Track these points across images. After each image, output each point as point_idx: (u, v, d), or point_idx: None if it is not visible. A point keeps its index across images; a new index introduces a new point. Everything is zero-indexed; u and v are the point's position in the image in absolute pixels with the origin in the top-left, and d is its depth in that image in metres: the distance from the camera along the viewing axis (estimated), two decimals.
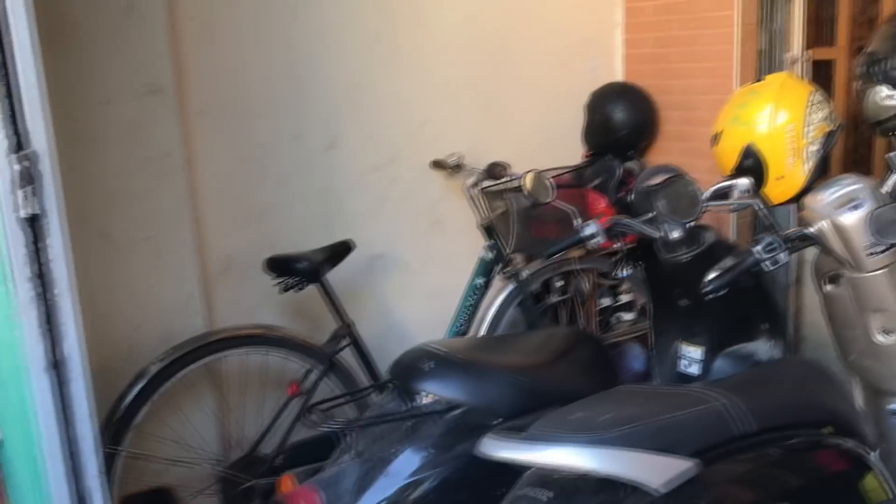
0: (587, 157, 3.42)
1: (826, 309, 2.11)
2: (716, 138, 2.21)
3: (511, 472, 1.48)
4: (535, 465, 1.41)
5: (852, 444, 1.62)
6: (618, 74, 3.49)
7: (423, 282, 3.21)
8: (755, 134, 2.10)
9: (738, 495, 1.41)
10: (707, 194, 2.13)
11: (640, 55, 3.35)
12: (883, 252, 1.88)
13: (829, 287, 2.06)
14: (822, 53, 3.41)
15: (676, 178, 2.18)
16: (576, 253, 2.99)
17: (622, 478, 1.31)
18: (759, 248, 1.94)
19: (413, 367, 1.95)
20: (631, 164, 3.27)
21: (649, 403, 1.49)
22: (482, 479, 1.72)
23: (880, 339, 1.98)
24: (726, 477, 1.41)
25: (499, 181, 2.95)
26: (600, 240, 2.12)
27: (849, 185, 1.94)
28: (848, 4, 3.50)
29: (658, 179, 2.24)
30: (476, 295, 3.03)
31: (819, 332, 2.15)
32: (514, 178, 2.90)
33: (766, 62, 2.99)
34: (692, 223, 2.15)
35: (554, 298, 3.21)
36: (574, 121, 3.42)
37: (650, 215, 2.14)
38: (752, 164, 2.10)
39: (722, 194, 2.19)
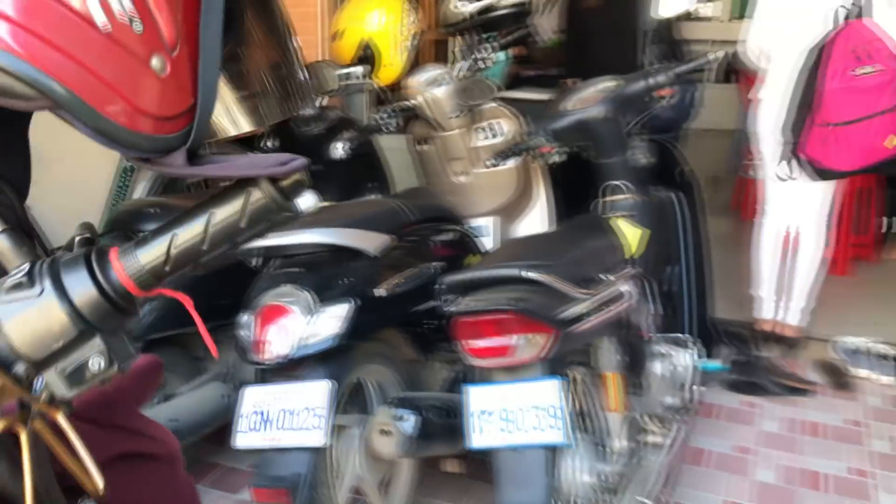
0: None
1: (420, 163, 2.92)
2: (337, 35, 2.83)
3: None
4: (288, 246, 1.89)
5: (458, 233, 2.39)
6: None
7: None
8: (368, 31, 2.78)
9: (409, 255, 2.08)
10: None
11: None
12: (458, 116, 2.73)
13: (422, 147, 2.87)
14: None
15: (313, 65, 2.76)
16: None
17: (351, 246, 1.89)
18: (377, 115, 2.64)
19: (139, 212, 2.22)
20: None
21: (356, 207, 2.10)
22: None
23: (457, 179, 2.86)
24: (404, 245, 2.07)
25: None
26: None
27: (435, 70, 2.74)
28: None
29: None
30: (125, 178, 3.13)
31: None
32: None
33: None
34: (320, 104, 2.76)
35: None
36: None
37: None
38: (367, 55, 2.78)
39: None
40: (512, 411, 1.67)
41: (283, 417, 1.75)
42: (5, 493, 0.58)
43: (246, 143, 3.35)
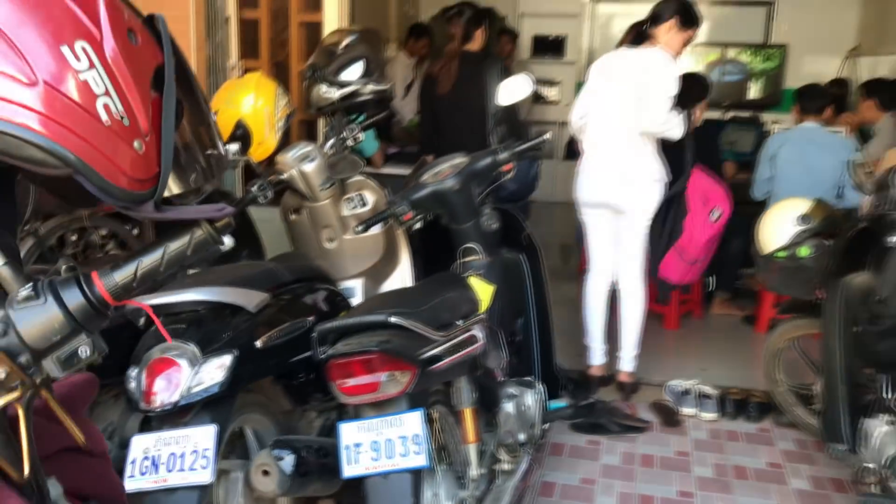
0: None
1: (291, 231, 3.16)
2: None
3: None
4: (173, 304, 2.07)
5: (328, 291, 2.61)
6: None
7: None
8: (243, 112, 3.02)
9: (284, 310, 2.29)
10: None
11: None
12: (328, 188, 2.99)
13: (293, 216, 3.11)
14: (251, 64, 4.45)
15: None
16: (86, 211, 3.43)
17: (231, 303, 2.10)
18: (254, 188, 2.87)
19: None
20: None
21: (234, 269, 2.31)
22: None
23: (327, 245, 3.11)
24: (279, 302, 2.29)
25: None
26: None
27: (305, 147, 3.01)
28: (266, 29, 4.58)
29: None
30: None
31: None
32: None
33: (213, 67, 3.91)
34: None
35: (69, 251, 3.51)
36: None
37: None
38: (241, 134, 3.02)
39: None
40: (380, 442, 1.91)
41: (171, 460, 1.90)
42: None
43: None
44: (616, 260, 3.61)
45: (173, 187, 0.82)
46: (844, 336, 2.66)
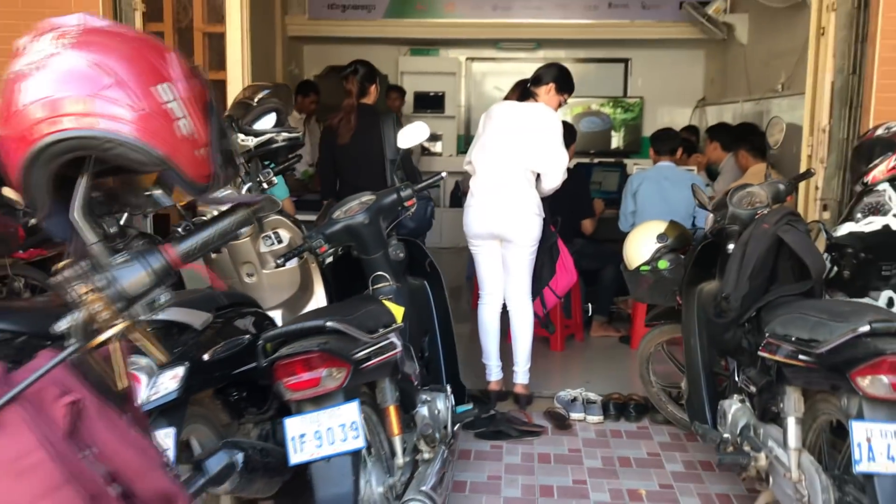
0: None
1: (214, 268, 3.42)
2: None
3: None
4: None
5: (259, 314, 2.88)
6: None
7: None
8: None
9: (225, 329, 2.56)
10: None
11: None
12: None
13: (213, 255, 3.38)
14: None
15: None
16: (9, 260, 3.55)
17: (180, 321, 2.37)
18: (176, 229, 3.12)
19: None
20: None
21: (180, 294, 2.57)
22: None
23: (247, 280, 3.39)
24: (219, 322, 2.56)
25: None
26: None
27: (225, 191, 3.29)
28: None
29: None
30: None
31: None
32: None
33: None
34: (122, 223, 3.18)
35: None
36: None
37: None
38: (163, 180, 3.28)
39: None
40: (321, 431, 2.22)
41: None
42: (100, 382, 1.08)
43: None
44: (505, 285, 4.04)
45: (218, 183, 1.16)
46: (700, 334, 3.17)
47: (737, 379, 2.95)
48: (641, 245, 3.45)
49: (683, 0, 7.44)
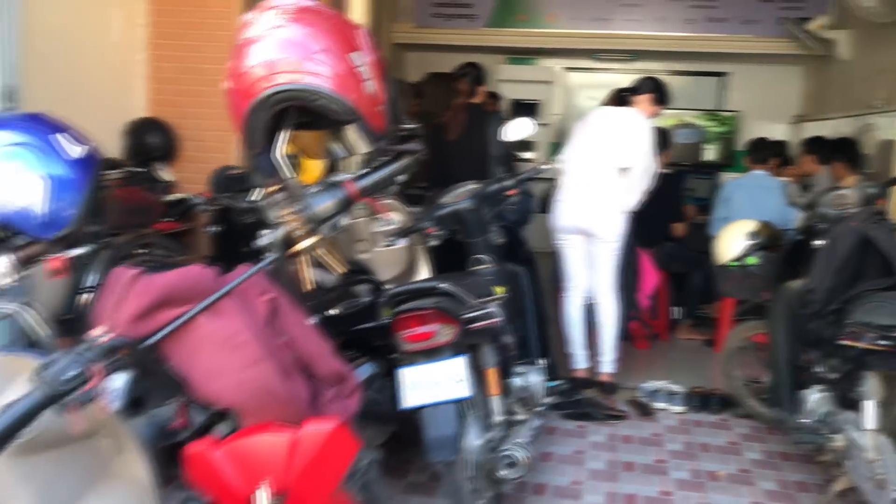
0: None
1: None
2: None
3: None
4: None
5: (375, 282, 3.18)
6: (140, 112, 4.55)
7: None
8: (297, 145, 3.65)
9: (345, 293, 2.86)
10: None
11: (161, 100, 4.51)
12: (364, 207, 3.60)
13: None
14: None
15: None
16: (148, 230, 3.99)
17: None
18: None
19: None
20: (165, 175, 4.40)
21: None
22: None
23: (361, 257, 3.70)
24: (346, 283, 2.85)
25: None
26: None
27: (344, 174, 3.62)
28: None
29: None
30: None
31: None
32: None
33: None
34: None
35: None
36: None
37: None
38: (295, 164, 3.64)
39: None
40: (432, 381, 2.49)
41: None
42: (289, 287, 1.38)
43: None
44: (591, 279, 4.25)
45: (389, 136, 1.46)
46: (786, 328, 3.32)
47: (818, 370, 3.08)
48: (732, 241, 3.61)
49: (783, 16, 7.48)
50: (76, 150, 1.45)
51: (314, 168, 1.87)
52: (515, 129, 3.56)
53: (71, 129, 1.52)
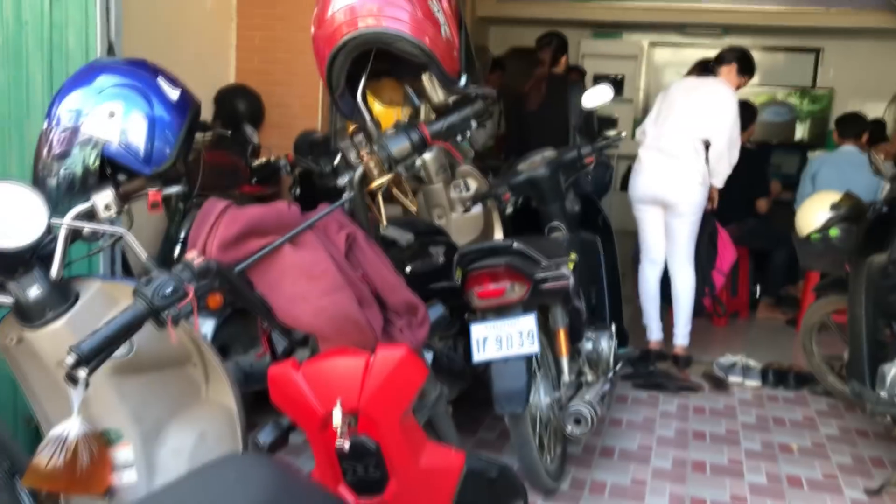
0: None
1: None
2: None
3: None
4: None
5: (448, 242, 3.27)
6: (229, 79, 4.75)
7: None
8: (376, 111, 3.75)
9: (423, 249, 2.95)
10: None
11: (249, 69, 4.70)
12: (442, 174, 3.68)
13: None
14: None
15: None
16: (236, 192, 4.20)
17: (389, 236, 2.78)
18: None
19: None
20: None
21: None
22: None
23: (437, 222, 3.79)
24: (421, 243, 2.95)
25: None
26: None
27: None
28: None
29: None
30: None
31: None
32: None
33: None
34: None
35: None
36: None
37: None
38: None
39: None
40: (502, 336, 2.56)
41: None
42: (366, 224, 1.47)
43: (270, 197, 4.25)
44: (667, 250, 4.22)
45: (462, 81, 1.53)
46: (867, 301, 3.25)
47: None
48: (814, 212, 3.54)
49: None
50: (174, 93, 1.57)
51: (390, 114, 1.96)
52: (595, 96, 3.56)
53: (169, 74, 1.63)
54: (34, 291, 1.50)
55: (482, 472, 1.53)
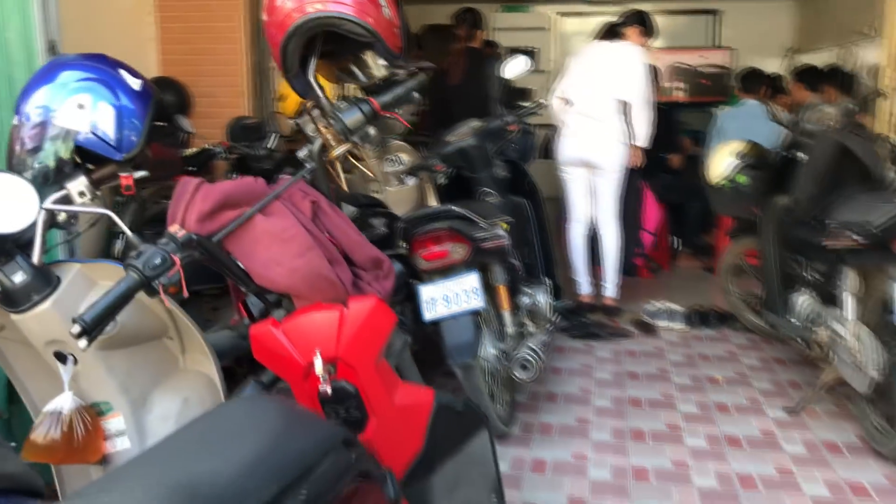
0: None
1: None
2: (282, 97, 3.91)
3: None
4: None
5: (389, 214, 3.42)
6: (152, 72, 4.75)
7: None
8: None
9: (364, 223, 3.11)
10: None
11: (173, 60, 4.71)
12: (376, 149, 3.82)
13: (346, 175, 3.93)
14: None
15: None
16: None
17: None
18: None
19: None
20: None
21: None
22: None
23: (373, 196, 3.93)
24: (364, 215, 3.09)
25: None
26: None
27: None
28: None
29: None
30: None
31: None
32: None
33: (260, 68, 4.75)
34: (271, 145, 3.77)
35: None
36: None
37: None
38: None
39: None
40: (449, 295, 2.74)
41: None
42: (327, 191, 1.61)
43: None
44: (594, 210, 4.47)
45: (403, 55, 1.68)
46: (775, 239, 3.55)
47: (805, 274, 3.33)
48: (723, 162, 3.82)
49: None
50: (136, 83, 1.68)
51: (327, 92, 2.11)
52: (513, 66, 3.76)
53: (127, 66, 1.74)
54: (19, 277, 1.59)
55: (450, 405, 1.70)
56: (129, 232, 1.54)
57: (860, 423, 2.94)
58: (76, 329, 1.33)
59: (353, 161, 1.69)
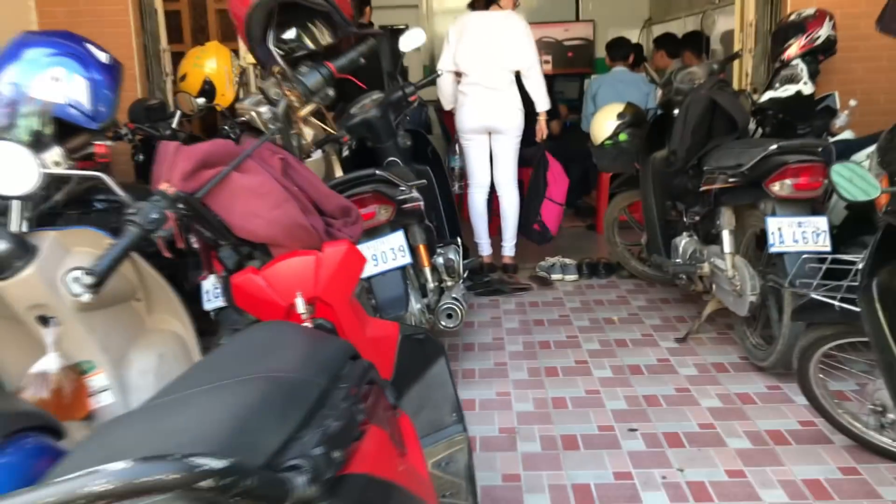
0: None
1: None
2: (185, 77, 3.94)
3: None
4: None
5: None
6: None
7: None
8: (207, 72, 3.91)
9: None
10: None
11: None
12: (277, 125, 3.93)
13: None
14: (176, 48, 5.23)
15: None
16: None
17: None
18: (224, 128, 3.75)
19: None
20: None
21: None
22: None
23: None
24: None
25: None
26: None
27: (256, 96, 3.93)
28: (187, 18, 5.42)
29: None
30: None
31: None
32: None
33: (147, 51, 4.70)
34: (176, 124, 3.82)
35: None
36: None
37: None
38: (208, 89, 3.91)
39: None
40: (377, 254, 2.94)
41: None
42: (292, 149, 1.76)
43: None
44: (494, 174, 4.74)
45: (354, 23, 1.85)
46: (655, 189, 3.94)
47: (685, 219, 3.73)
48: (605, 123, 4.18)
49: None
50: (104, 56, 1.76)
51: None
52: (410, 40, 3.94)
53: (91, 41, 1.82)
54: (1, 246, 1.66)
55: (412, 335, 1.91)
56: (121, 193, 1.65)
57: (741, 344, 3.36)
58: (89, 279, 1.45)
59: (316, 121, 1.85)
